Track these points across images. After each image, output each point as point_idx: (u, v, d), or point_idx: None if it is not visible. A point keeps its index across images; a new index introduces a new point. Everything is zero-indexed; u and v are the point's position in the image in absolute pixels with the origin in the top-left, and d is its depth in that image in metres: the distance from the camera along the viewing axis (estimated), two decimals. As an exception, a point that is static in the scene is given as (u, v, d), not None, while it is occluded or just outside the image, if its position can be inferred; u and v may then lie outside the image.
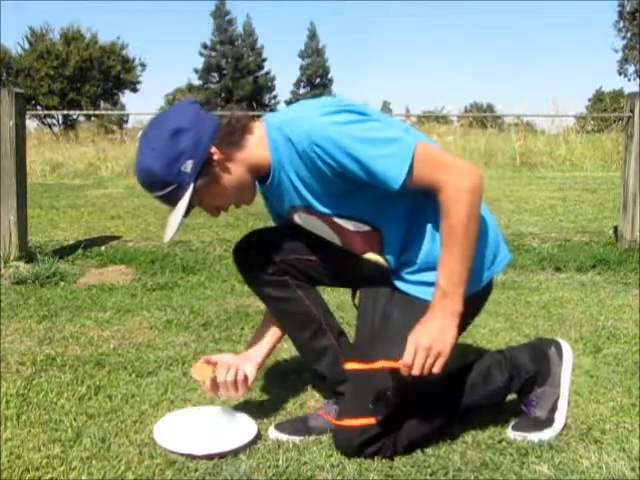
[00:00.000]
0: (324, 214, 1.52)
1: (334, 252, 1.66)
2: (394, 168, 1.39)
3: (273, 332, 1.78)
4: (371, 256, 1.60)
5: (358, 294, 1.75)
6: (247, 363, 1.72)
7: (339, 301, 2.80)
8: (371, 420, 1.51)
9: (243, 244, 1.72)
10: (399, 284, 1.59)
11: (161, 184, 1.45)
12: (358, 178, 1.42)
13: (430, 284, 1.50)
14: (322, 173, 1.43)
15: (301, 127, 1.42)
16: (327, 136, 1.38)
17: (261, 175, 1.53)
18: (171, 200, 1.47)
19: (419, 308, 1.50)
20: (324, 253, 1.68)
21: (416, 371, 1.42)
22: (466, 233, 1.41)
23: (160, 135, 1.45)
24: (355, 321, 1.73)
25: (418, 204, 1.51)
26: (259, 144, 1.49)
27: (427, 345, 1.41)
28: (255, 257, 1.69)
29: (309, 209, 1.53)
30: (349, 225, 1.53)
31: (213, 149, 1.45)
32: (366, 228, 1.53)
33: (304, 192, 1.50)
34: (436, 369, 1.43)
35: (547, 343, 1.76)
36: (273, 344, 1.79)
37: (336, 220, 1.53)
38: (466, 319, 1.52)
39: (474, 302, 1.55)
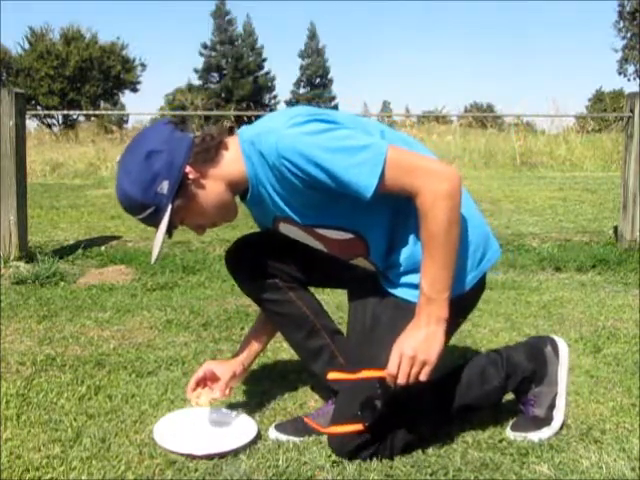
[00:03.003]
0: (304, 225, 1.52)
1: (322, 254, 1.66)
2: (365, 177, 1.36)
3: (261, 336, 1.81)
4: (358, 261, 1.60)
5: (348, 295, 1.75)
6: (226, 370, 1.74)
7: (338, 301, 2.80)
8: (359, 426, 1.50)
9: (233, 249, 1.73)
10: (387, 286, 1.58)
11: (140, 207, 1.46)
12: (329, 188, 1.40)
13: (417, 286, 1.49)
14: (294, 185, 1.41)
15: (269, 141, 1.40)
16: (294, 148, 1.36)
17: (240, 190, 1.52)
18: (153, 221, 1.48)
19: (408, 312, 1.49)
20: (313, 255, 1.68)
21: (401, 380, 1.42)
22: (447, 238, 1.39)
23: (135, 159, 1.45)
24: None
25: (399, 206, 1.49)
26: (235, 159, 1.48)
27: (411, 354, 1.41)
28: (246, 262, 1.70)
29: (289, 219, 1.53)
30: (331, 234, 1.53)
31: (188, 168, 1.45)
32: (349, 236, 1.52)
33: (281, 204, 1.48)
34: (422, 377, 1.43)
35: (543, 341, 1.76)
36: (259, 349, 1.82)
37: (317, 230, 1.53)
38: (457, 319, 1.51)
39: (463, 302, 1.54)
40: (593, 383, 2.06)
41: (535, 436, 1.66)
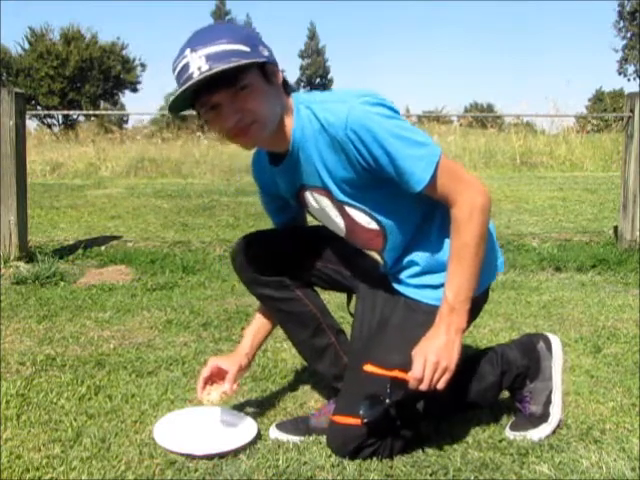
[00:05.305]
0: (338, 200, 1.52)
1: (331, 256, 1.67)
2: (421, 170, 1.40)
3: (262, 328, 1.80)
4: (370, 253, 1.61)
5: (354, 298, 1.75)
6: (232, 365, 1.73)
7: (339, 301, 2.80)
8: (357, 421, 1.50)
9: (240, 246, 1.72)
10: (398, 287, 1.59)
11: (239, 38, 1.36)
12: (384, 172, 1.42)
13: (431, 286, 1.53)
14: (349, 159, 1.43)
15: (338, 110, 1.40)
16: (364, 125, 1.38)
17: (277, 145, 1.49)
18: (230, 58, 1.32)
19: (417, 312, 1.52)
20: (322, 256, 1.69)
21: (425, 385, 1.43)
22: (476, 250, 1.44)
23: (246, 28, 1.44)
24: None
25: (427, 212, 1.53)
26: (289, 114, 1.47)
27: (435, 359, 1.42)
28: (253, 258, 1.69)
29: (325, 190, 1.52)
30: (358, 217, 1.53)
31: (279, 71, 1.43)
32: (374, 226, 1.54)
33: (324, 175, 1.48)
34: (441, 385, 1.44)
35: (535, 338, 1.77)
36: (261, 341, 1.81)
37: (346, 208, 1.53)
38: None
39: (472, 308, 1.54)
40: (593, 383, 2.05)
41: (535, 434, 1.66)
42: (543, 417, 1.69)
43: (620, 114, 5.14)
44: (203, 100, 1.38)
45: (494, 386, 1.69)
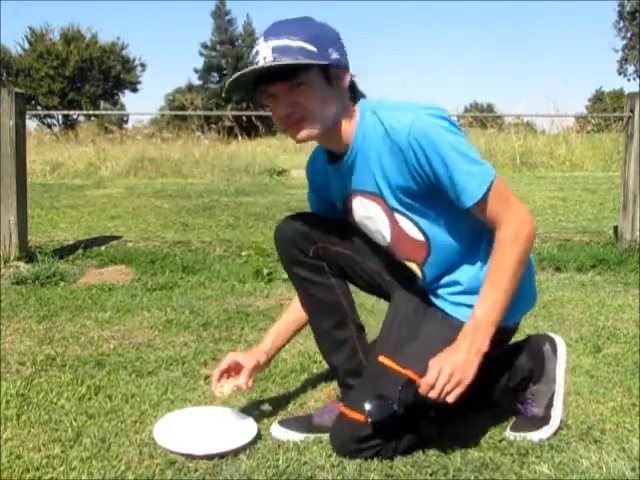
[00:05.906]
0: (390, 207, 1.53)
1: (372, 255, 1.68)
2: (473, 187, 1.43)
3: (286, 332, 1.80)
4: (410, 265, 1.62)
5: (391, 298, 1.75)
6: (249, 361, 1.72)
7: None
8: (361, 417, 1.50)
9: (284, 225, 1.71)
10: (435, 300, 1.61)
11: (307, 36, 1.41)
12: (439, 183, 1.44)
13: (468, 306, 1.53)
14: (408, 167, 1.45)
15: (403, 118, 1.44)
16: (427, 135, 1.41)
17: (335, 145, 1.54)
18: (295, 55, 1.39)
19: (450, 326, 1.53)
20: (365, 253, 1.69)
21: (435, 393, 1.43)
22: (514, 276, 1.47)
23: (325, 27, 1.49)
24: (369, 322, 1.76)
25: (476, 235, 1.55)
26: (353, 117, 1.51)
27: (450, 371, 1.43)
28: (297, 237, 1.68)
29: (376, 195, 1.54)
30: (407, 227, 1.54)
31: (347, 75, 1.48)
32: (420, 238, 1.55)
33: (380, 180, 1.51)
34: (451, 398, 1.44)
35: (542, 340, 1.77)
36: (283, 343, 1.81)
37: (396, 216, 1.54)
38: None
39: (499, 335, 1.52)
40: (593, 383, 2.05)
41: (535, 436, 1.65)
42: (545, 419, 1.68)
43: (620, 114, 5.14)
44: (262, 88, 1.46)
45: (500, 389, 1.69)
